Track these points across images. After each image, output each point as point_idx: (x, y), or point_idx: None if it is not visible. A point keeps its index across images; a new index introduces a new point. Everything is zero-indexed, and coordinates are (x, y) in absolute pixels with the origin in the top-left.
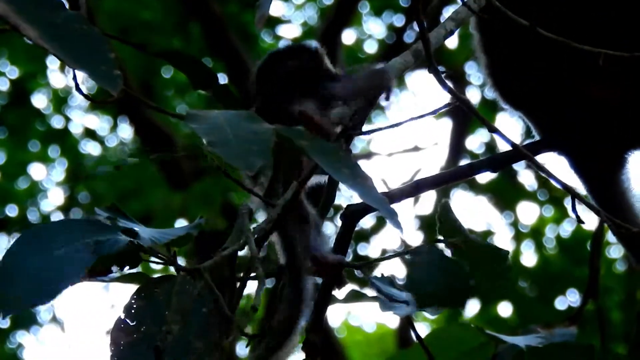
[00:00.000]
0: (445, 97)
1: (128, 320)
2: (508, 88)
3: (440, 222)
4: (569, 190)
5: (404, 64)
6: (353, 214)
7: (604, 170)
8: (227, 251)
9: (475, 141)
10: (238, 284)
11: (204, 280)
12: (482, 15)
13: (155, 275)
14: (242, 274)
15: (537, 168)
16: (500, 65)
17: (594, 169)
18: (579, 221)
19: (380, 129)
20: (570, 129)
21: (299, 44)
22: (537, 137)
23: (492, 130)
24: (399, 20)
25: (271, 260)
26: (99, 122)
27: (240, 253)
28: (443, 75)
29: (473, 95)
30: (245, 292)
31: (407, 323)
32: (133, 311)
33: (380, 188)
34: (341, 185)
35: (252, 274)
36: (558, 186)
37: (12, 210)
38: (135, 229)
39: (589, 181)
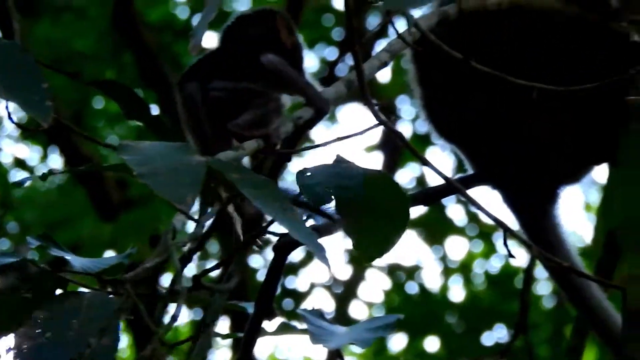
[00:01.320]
0: (377, 130)
1: (33, 329)
2: (442, 120)
3: None
4: (500, 224)
5: (336, 94)
6: (285, 246)
7: (536, 205)
8: (150, 264)
9: (406, 175)
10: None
11: (126, 293)
12: (417, 48)
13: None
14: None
15: (469, 201)
16: (434, 97)
17: (527, 203)
18: (510, 255)
19: (306, 148)
20: (503, 163)
21: (264, 10)
22: (470, 171)
23: (425, 162)
24: (331, 54)
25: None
26: (29, 152)
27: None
28: (376, 108)
29: (405, 129)
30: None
31: (336, 356)
32: (39, 321)
33: (310, 221)
34: None
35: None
36: (489, 220)
37: None
38: (67, 257)
39: (522, 215)
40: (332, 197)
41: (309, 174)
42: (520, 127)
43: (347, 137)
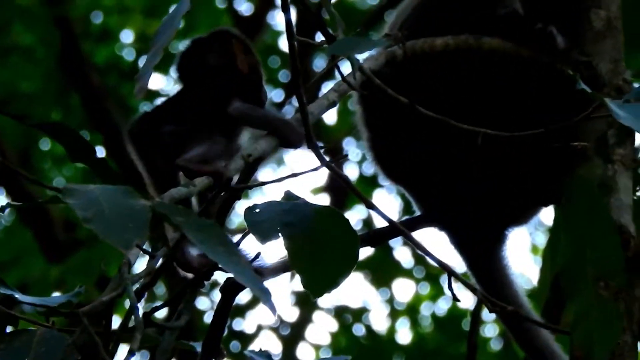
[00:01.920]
0: (323, 172)
1: None
2: (389, 162)
3: None
4: (444, 267)
5: None
6: (231, 287)
7: (483, 246)
8: (105, 298)
9: (353, 217)
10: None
11: (82, 326)
12: (362, 91)
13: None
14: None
15: (414, 244)
16: (381, 139)
17: (474, 245)
18: (455, 299)
19: (250, 186)
20: (450, 204)
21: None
22: (417, 212)
23: (369, 206)
24: (277, 96)
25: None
26: None
27: None
28: (321, 150)
29: (351, 172)
30: None
31: None
32: None
33: (256, 263)
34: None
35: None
36: (434, 263)
37: None
38: (16, 295)
39: (469, 256)
40: (280, 233)
41: (257, 210)
42: (467, 169)
43: (293, 175)
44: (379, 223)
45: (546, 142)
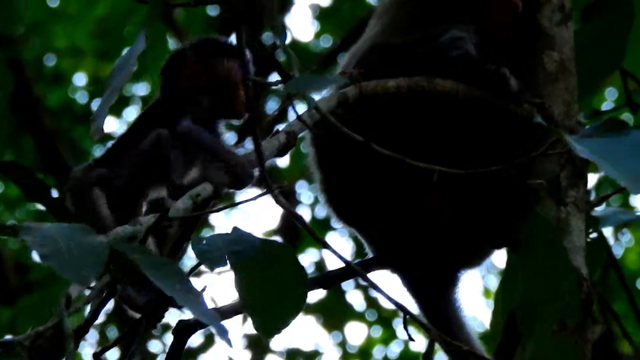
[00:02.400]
0: (277, 214)
1: None
2: (342, 204)
3: None
4: (400, 307)
5: None
6: (184, 329)
7: (436, 288)
8: (43, 328)
9: (305, 260)
10: None
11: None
12: (316, 131)
13: None
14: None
15: (370, 285)
16: (334, 180)
17: (427, 287)
18: (410, 339)
19: (200, 213)
20: (404, 246)
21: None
22: (370, 255)
23: (325, 245)
24: (230, 138)
25: None
26: None
27: None
28: (276, 192)
29: (304, 214)
30: None
31: None
32: None
33: (210, 305)
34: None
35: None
36: (389, 305)
37: None
38: None
39: (422, 299)
40: (227, 261)
41: (205, 241)
42: (420, 210)
43: (238, 203)
44: (332, 266)
45: (500, 182)
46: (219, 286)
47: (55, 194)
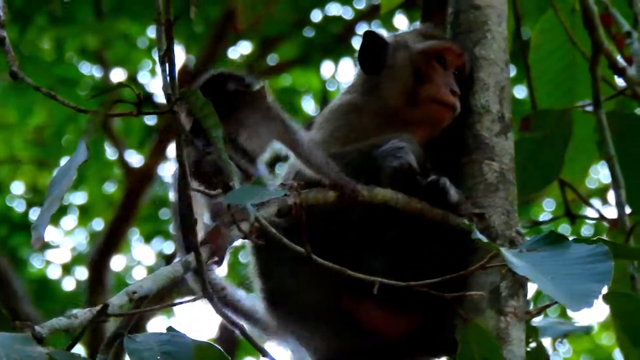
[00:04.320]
0: (217, 321)
1: None
2: (282, 312)
3: None
4: None
5: (173, 274)
6: None
7: None
8: None
9: None
10: None
11: None
12: (257, 241)
13: None
14: None
15: None
16: (275, 290)
17: None
18: None
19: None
20: (343, 355)
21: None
22: None
23: (263, 353)
24: (169, 247)
25: None
26: None
27: None
28: (216, 300)
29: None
30: None
31: None
32: None
33: None
34: None
35: None
36: None
37: None
38: None
39: None
40: None
41: (139, 339)
42: (359, 321)
43: (176, 303)
44: None
45: (440, 293)
46: None
47: None
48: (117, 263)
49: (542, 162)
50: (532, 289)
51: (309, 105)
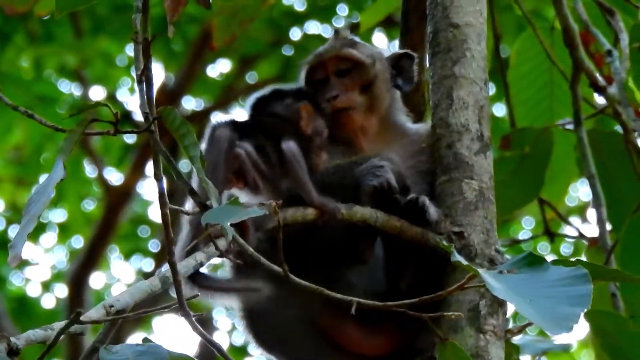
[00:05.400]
0: (195, 339)
1: None
2: (262, 330)
3: None
4: None
5: (150, 288)
6: None
7: None
8: None
9: None
10: None
11: None
12: (235, 260)
13: None
14: None
15: None
16: (253, 308)
17: None
18: None
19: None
20: None
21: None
22: None
23: None
24: (148, 265)
25: None
26: None
27: None
28: (193, 319)
29: (221, 340)
30: None
31: None
32: None
33: None
34: None
35: None
36: None
37: None
38: None
39: None
40: None
41: (115, 350)
42: (337, 340)
43: (150, 311)
44: None
45: (418, 313)
46: None
47: None
48: (96, 280)
49: (522, 180)
50: (511, 307)
51: None
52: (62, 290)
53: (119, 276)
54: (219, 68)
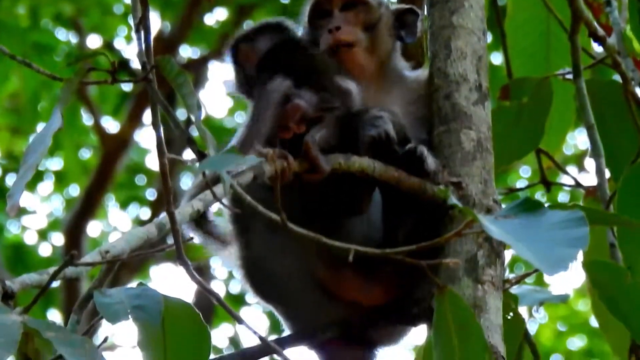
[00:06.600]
0: (192, 288)
1: None
2: (260, 280)
3: None
4: None
5: (146, 234)
6: None
7: None
8: None
9: (219, 336)
10: None
11: None
12: (232, 209)
13: None
14: None
15: None
16: (251, 258)
17: None
18: None
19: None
20: (319, 324)
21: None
22: (287, 331)
23: (239, 321)
24: (145, 214)
25: None
26: None
27: None
28: (191, 267)
29: (218, 289)
30: None
31: None
32: None
33: None
34: None
35: None
36: None
37: None
38: None
39: None
40: (130, 316)
41: (109, 293)
42: (337, 288)
43: (148, 252)
44: (247, 342)
45: (415, 261)
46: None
47: None
48: (93, 229)
49: (521, 131)
50: (508, 255)
51: None
52: (58, 239)
53: (116, 224)
54: (216, 16)
